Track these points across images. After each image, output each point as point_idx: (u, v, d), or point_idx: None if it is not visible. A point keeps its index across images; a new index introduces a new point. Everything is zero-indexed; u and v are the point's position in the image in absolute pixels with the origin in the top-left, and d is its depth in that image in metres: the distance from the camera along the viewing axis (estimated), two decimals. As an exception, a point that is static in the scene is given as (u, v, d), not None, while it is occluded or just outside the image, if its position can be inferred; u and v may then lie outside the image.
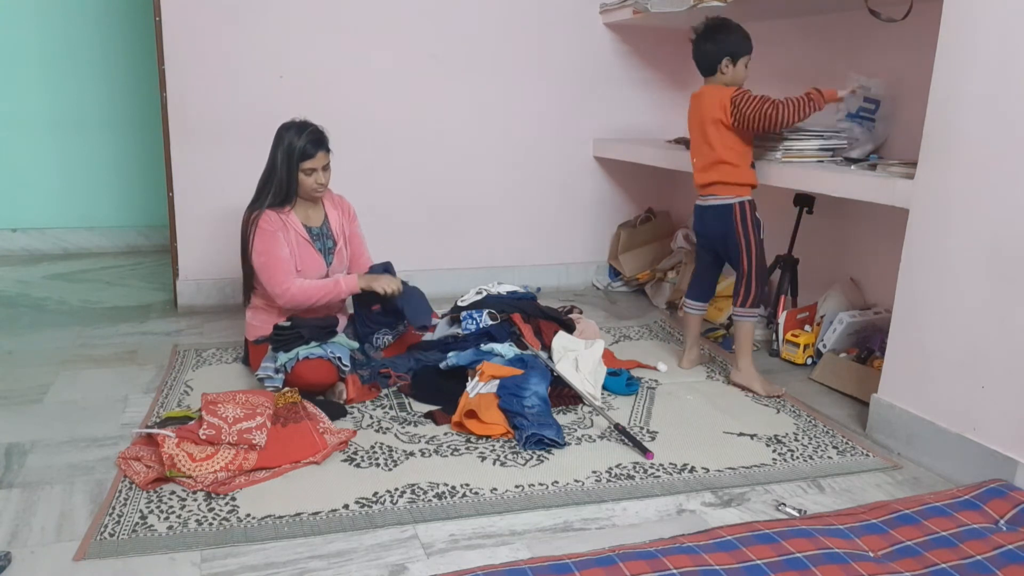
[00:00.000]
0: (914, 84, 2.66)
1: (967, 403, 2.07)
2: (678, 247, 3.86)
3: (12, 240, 4.41)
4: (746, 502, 1.96)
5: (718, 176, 2.57)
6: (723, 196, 2.58)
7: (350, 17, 3.39)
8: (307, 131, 2.49)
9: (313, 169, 2.51)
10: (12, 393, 2.45)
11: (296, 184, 2.51)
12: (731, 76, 2.55)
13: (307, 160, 2.48)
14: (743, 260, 2.59)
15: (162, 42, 3.17)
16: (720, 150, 2.54)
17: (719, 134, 2.54)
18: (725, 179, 2.56)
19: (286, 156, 2.48)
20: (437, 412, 2.38)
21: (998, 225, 1.97)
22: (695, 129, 2.64)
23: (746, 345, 2.65)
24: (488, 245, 3.84)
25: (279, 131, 2.52)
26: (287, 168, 2.49)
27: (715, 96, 2.53)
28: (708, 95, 2.56)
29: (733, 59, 2.53)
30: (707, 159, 2.59)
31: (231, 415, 2.03)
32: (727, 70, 2.54)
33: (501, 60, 3.67)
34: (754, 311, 2.64)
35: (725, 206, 2.58)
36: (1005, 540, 1.66)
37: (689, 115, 2.67)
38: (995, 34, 1.94)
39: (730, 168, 2.55)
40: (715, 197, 2.59)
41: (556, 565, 1.51)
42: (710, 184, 2.59)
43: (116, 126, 4.51)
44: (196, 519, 1.77)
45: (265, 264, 2.48)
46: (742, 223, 2.56)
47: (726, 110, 2.50)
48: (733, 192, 2.57)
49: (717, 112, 2.51)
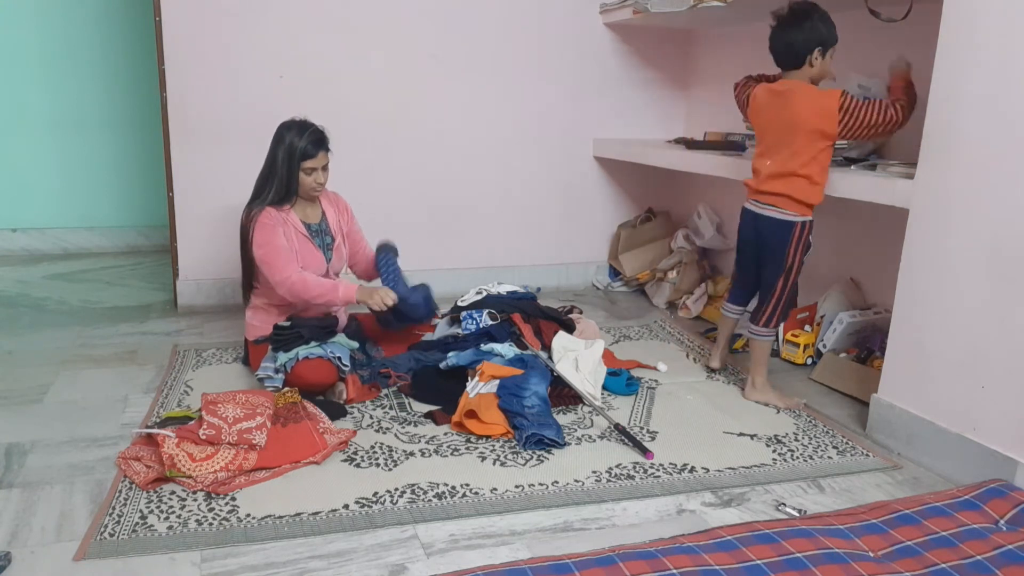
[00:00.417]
0: (915, 84, 2.65)
1: (967, 403, 2.07)
2: (678, 247, 3.86)
3: (12, 240, 4.41)
4: (746, 502, 1.96)
5: (791, 190, 2.35)
6: (788, 211, 2.38)
7: (350, 17, 3.39)
8: (308, 131, 2.49)
9: (313, 169, 2.51)
10: (12, 393, 2.45)
11: (296, 183, 2.52)
12: (819, 69, 2.32)
13: (308, 160, 2.49)
14: (780, 280, 2.45)
15: (162, 42, 3.17)
16: (809, 164, 2.31)
17: (812, 146, 2.30)
18: (798, 195, 2.35)
19: (287, 155, 2.48)
20: (437, 412, 2.38)
21: (998, 225, 1.97)
22: (777, 130, 2.38)
23: (762, 363, 2.55)
24: (488, 245, 3.84)
25: (279, 130, 2.52)
26: (287, 167, 2.49)
27: (813, 101, 2.28)
28: (803, 97, 2.30)
29: (824, 50, 2.30)
30: (785, 167, 2.35)
31: (231, 415, 2.03)
32: (816, 63, 2.31)
33: (501, 60, 3.67)
34: (772, 331, 2.54)
35: (787, 223, 2.39)
36: (1005, 540, 1.66)
37: (763, 111, 2.42)
38: (995, 34, 1.94)
39: (807, 185, 2.34)
40: (777, 210, 2.39)
41: (556, 565, 1.51)
42: (777, 194, 2.38)
43: (116, 126, 4.51)
44: (196, 519, 1.77)
45: (266, 254, 2.48)
46: (796, 243, 2.40)
47: (832, 118, 2.25)
48: (799, 210, 2.38)
49: (816, 120, 2.27)
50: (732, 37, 3.70)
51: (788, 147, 2.35)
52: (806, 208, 2.39)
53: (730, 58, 3.72)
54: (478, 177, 3.76)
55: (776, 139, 2.39)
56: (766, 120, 2.43)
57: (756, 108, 2.47)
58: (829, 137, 2.30)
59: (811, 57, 2.31)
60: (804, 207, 2.38)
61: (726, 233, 3.79)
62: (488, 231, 3.83)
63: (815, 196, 2.38)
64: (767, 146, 2.44)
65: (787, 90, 2.35)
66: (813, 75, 2.34)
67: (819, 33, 2.29)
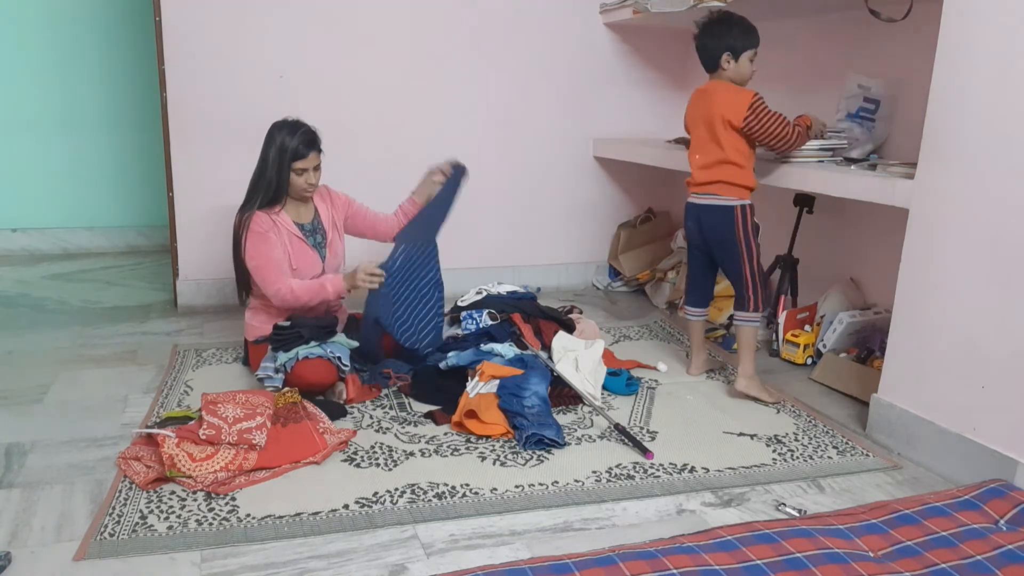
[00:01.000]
0: (914, 84, 2.66)
1: (967, 403, 2.07)
2: (678, 247, 3.86)
3: (12, 240, 4.41)
4: (746, 502, 1.96)
5: (723, 175, 2.49)
6: (725, 197, 2.50)
7: (350, 17, 3.39)
8: (300, 131, 2.48)
9: (304, 169, 2.50)
10: (12, 393, 2.45)
11: (287, 184, 2.51)
12: (733, 72, 2.46)
13: (299, 160, 2.48)
14: (743, 266, 2.52)
15: (162, 42, 3.17)
16: (729, 150, 2.45)
17: (728, 135, 2.45)
18: (730, 179, 2.48)
19: (278, 155, 2.47)
20: (437, 412, 2.38)
21: (998, 225, 1.97)
22: (700, 125, 2.53)
23: (749, 351, 2.56)
24: (488, 245, 3.84)
25: (271, 130, 2.51)
26: (278, 167, 2.48)
27: (730, 96, 2.44)
28: (719, 93, 2.46)
29: (734, 54, 2.44)
30: (712, 157, 2.50)
31: (231, 415, 2.03)
32: (727, 65, 2.45)
33: (501, 60, 3.67)
34: (756, 315, 2.56)
35: (726, 207, 2.50)
36: (1005, 540, 1.66)
37: (690, 110, 2.59)
38: (995, 34, 1.94)
39: (735, 169, 2.47)
40: (716, 197, 2.51)
41: (556, 565, 1.51)
42: (712, 183, 2.51)
43: (116, 126, 4.51)
44: (196, 519, 1.77)
45: (258, 266, 2.49)
46: (743, 227, 2.50)
47: (739, 113, 2.40)
48: (735, 194, 2.49)
49: (729, 112, 2.42)
50: (732, 37, 3.70)
51: (713, 139, 2.48)
52: (743, 190, 2.49)
53: (730, 58, 3.72)
54: (478, 177, 3.74)
55: (703, 133, 2.52)
56: (693, 117, 2.57)
57: (688, 109, 2.61)
58: (734, 127, 2.43)
59: (721, 60, 2.46)
60: (740, 189, 2.49)
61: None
62: (488, 231, 3.83)
63: (747, 179, 2.49)
64: (696, 141, 2.57)
65: (709, 88, 2.51)
66: (729, 77, 2.48)
67: (729, 39, 2.44)
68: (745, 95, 2.42)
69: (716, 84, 2.50)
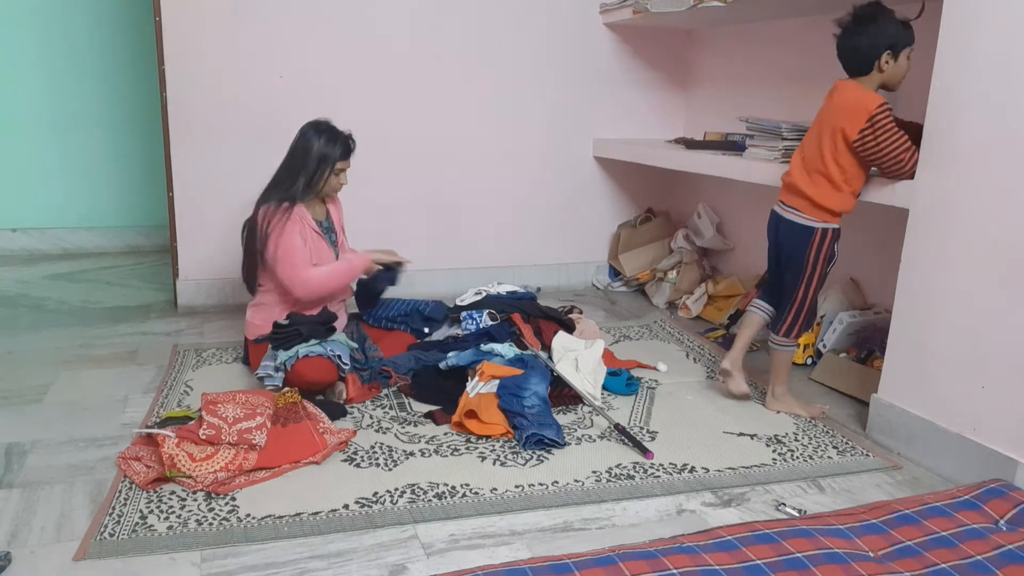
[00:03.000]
0: (914, 84, 2.65)
1: (967, 403, 2.07)
2: (678, 247, 3.86)
3: (12, 240, 4.41)
4: (746, 502, 1.96)
5: (813, 193, 2.24)
6: (807, 217, 2.27)
7: (350, 17, 3.39)
8: (344, 134, 2.59)
9: (343, 170, 2.61)
10: (12, 393, 2.45)
11: (322, 182, 2.57)
12: (890, 72, 2.17)
13: (342, 160, 2.58)
14: (800, 288, 2.34)
15: (162, 42, 3.17)
16: (830, 165, 2.19)
17: (832, 143, 2.18)
18: (820, 200, 2.24)
19: (321, 153, 2.53)
20: (437, 412, 2.38)
21: (998, 225, 1.97)
22: (818, 123, 2.26)
23: (782, 372, 2.46)
24: (488, 245, 3.84)
25: (311, 129, 2.56)
26: (318, 165, 2.54)
27: (849, 97, 2.16)
28: (846, 93, 2.19)
29: (895, 52, 2.15)
30: (812, 164, 2.25)
31: (231, 415, 2.03)
32: (887, 66, 2.16)
33: (501, 60, 3.67)
34: (794, 342, 2.43)
35: (806, 228, 2.28)
36: (1005, 540, 1.66)
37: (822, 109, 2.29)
38: (995, 34, 1.94)
39: (829, 189, 2.22)
40: (798, 214, 2.29)
41: (556, 565, 1.51)
42: (800, 196, 2.28)
43: (116, 126, 4.51)
44: (196, 519, 1.77)
45: (286, 254, 2.50)
46: (817, 251, 2.29)
47: (856, 119, 2.12)
48: (821, 217, 2.26)
49: (845, 120, 2.14)
50: (732, 37, 3.70)
51: (817, 142, 2.24)
52: (829, 215, 2.26)
53: (730, 58, 3.72)
54: (478, 177, 3.76)
55: (814, 135, 2.27)
56: (818, 114, 2.29)
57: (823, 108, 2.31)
58: (846, 138, 2.16)
59: (881, 61, 2.16)
60: (827, 213, 2.26)
61: (726, 233, 3.80)
62: (488, 231, 3.83)
63: (839, 202, 2.25)
64: (806, 138, 2.32)
65: (837, 87, 2.24)
66: (885, 80, 2.20)
67: (889, 34, 2.14)
68: (869, 103, 2.12)
69: (846, 84, 2.22)
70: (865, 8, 2.18)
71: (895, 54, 2.16)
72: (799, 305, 2.37)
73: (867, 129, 2.12)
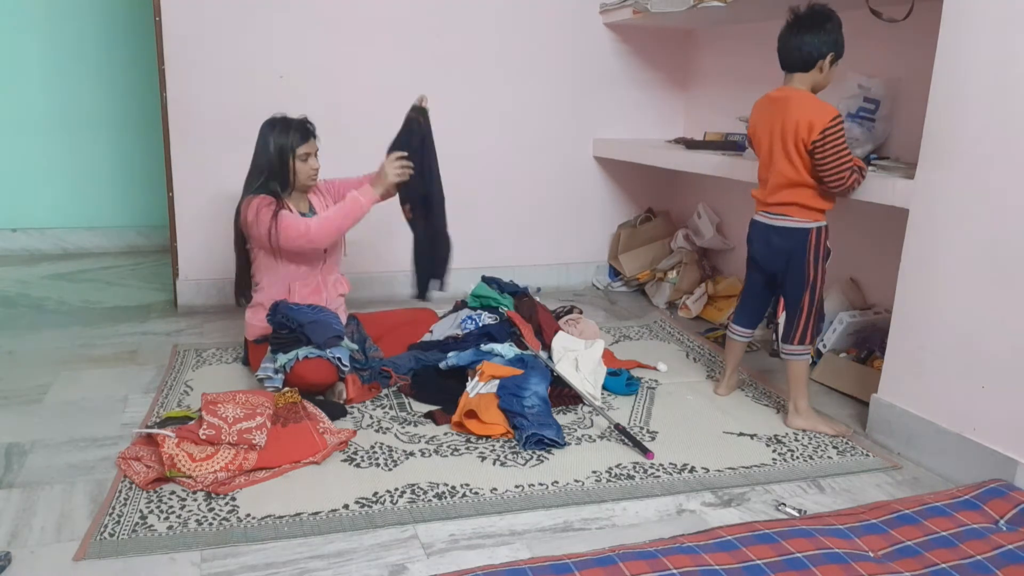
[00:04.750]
0: (914, 84, 2.66)
1: (967, 403, 2.07)
2: (678, 247, 3.86)
3: (12, 240, 4.41)
4: (746, 502, 1.96)
5: (797, 198, 2.27)
6: (800, 219, 2.29)
7: (350, 17, 3.39)
8: (295, 121, 2.53)
9: (308, 154, 2.54)
10: (12, 393, 2.45)
11: (292, 174, 2.53)
12: (825, 76, 2.23)
13: (302, 145, 2.51)
14: (804, 294, 2.32)
15: (162, 42, 3.17)
16: (803, 171, 2.23)
17: (800, 158, 2.22)
18: (806, 202, 2.26)
19: (278, 146, 2.49)
20: (437, 412, 2.38)
21: (997, 225, 1.97)
22: (774, 138, 2.27)
23: (801, 385, 2.37)
24: (488, 245, 3.84)
25: (263, 128, 2.53)
26: (280, 157, 2.49)
27: (811, 111, 2.17)
28: (799, 104, 2.20)
29: (834, 58, 2.22)
30: (787, 177, 2.26)
31: (231, 415, 2.03)
32: (824, 70, 2.22)
33: (501, 60, 3.67)
34: (805, 348, 2.36)
35: (801, 230, 2.29)
36: (1005, 540, 1.66)
37: (759, 120, 2.34)
38: (995, 34, 1.94)
39: (811, 191, 2.26)
40: (788, 219, 2.30)
41: (556, 565, 1.51)
42: (786, 204, 2.29)
43: (116, 126, 4.51)
44: (196, 519, 1.77)
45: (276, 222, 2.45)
46: (814, 252, 2.29)
47: (813, 131, 2.15)
48: (811, 216, 2.28)
49: (804, 130, 2.17)
50: (732, 37, 3.70)
51: (785, 156, 2.25)
52: (818, 213, 2.29)
53: (730, 58, 3.72)
54: (478, 177, 3.76)
55: (777, 148, 2.27)
56: (761, 129, 2.33)
57: (754, 117, 2.37)
58: (806, 145, 2.19)
59: (824, 62, 2.21)
60: (816, 212, 2.29)
61: (726, 233, 3.79)
62: (488, 231, 3.83)
63: (825, 201, 2.29)
64: (767, 156, 2.33)
65: (785, 97, 2.25)
66: (818, 82, 2.25)
67: (836, 40, 2.20)
68: (825, 114, 2.16)
69: (794, 93, 2.23)
70: (822, 8, 2.22)
71: (834, 60, 2.23)
72: (808, 309, 2.34)
73: (819, 140, 2.16)
